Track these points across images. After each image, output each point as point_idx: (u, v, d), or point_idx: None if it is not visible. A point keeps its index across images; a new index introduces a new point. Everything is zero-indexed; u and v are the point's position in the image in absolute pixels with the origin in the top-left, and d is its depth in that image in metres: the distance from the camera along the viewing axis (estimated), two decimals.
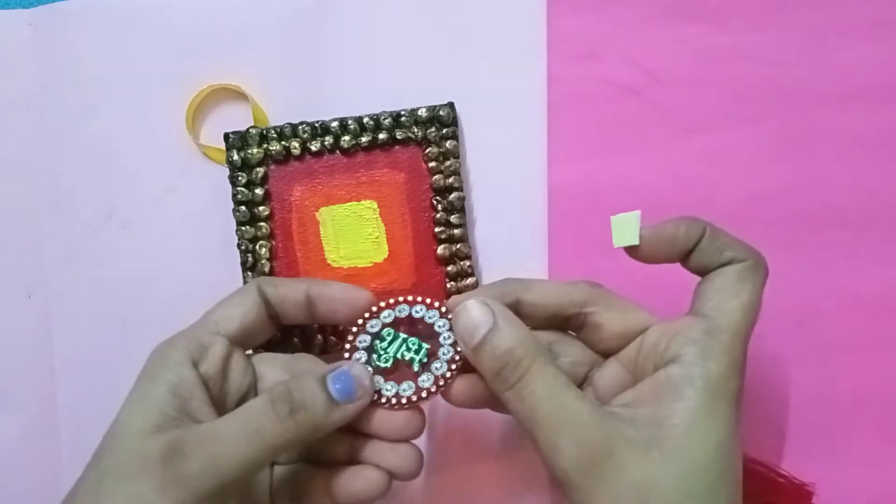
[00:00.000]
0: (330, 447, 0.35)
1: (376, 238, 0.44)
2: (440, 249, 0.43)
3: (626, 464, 0.29)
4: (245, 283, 0.44)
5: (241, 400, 0.35)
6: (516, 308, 0.34)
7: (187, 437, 0.30)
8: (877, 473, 0.42)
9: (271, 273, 0.43)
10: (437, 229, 0.43)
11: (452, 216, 0.43)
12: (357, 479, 0.34)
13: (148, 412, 0.31)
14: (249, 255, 0.43)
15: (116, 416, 0.32)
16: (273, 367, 0.36)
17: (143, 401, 0.32)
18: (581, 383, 0.35)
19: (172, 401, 0.31)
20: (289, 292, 0.36)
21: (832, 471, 0.42)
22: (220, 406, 0.34)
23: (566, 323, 0.36)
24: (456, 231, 0.43)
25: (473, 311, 0.32)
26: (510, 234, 0.44)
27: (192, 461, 0.30)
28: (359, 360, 0.35)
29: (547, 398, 0.30)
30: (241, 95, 0.45)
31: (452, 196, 0.43)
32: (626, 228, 0.33)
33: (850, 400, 0.43)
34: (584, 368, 0.36)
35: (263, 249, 0.43)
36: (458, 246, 0.43)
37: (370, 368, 0.35)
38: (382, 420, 0.34)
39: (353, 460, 0.34)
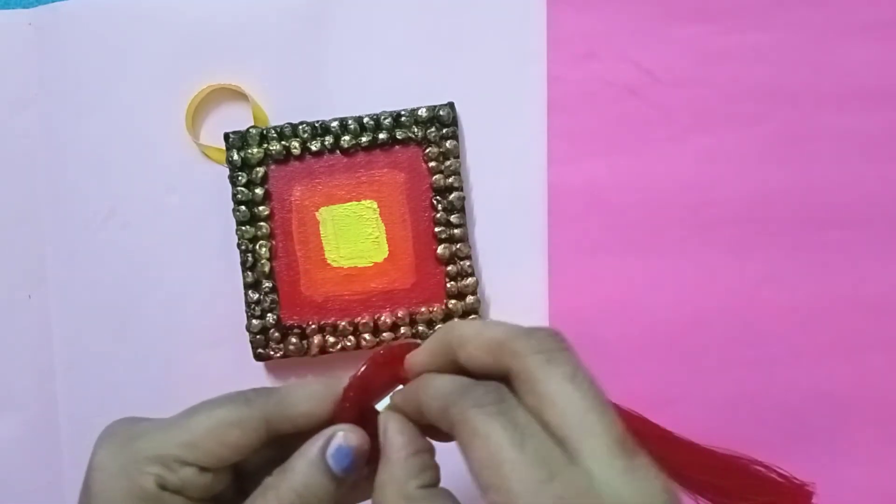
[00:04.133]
0: None
1: (376, 238, 0.44)
2: (440, 249, 0.43)
3: None
4: (244, 281, 0.43)
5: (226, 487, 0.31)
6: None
7: None
8: (877, 473, 0.42)
9: (271, 273, 0.43)
10: (437, 229, 0.43)
11: (452, 216, 0.43)
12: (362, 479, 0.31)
13: None
14: (249, 255, 0.43)
15: None
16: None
17: None
18: None
19: None
20: (307, 422, 0.30)
21: (832, 471, 0.42)
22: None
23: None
24: (456, 231, 0.43)
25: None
26: (510, 234, 0.44)
27: None
28: None
29: None
30: (241, 95, 0.45)
31: (452, 196, 0.43)
32: None
33: (850, 400, 0.43)
34: None
35: (263, 249, 0.43)
36: (458, 246, 0.43)
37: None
38: None
39: None
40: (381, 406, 0.30)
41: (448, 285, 0.43)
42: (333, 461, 0.29)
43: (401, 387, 0.30)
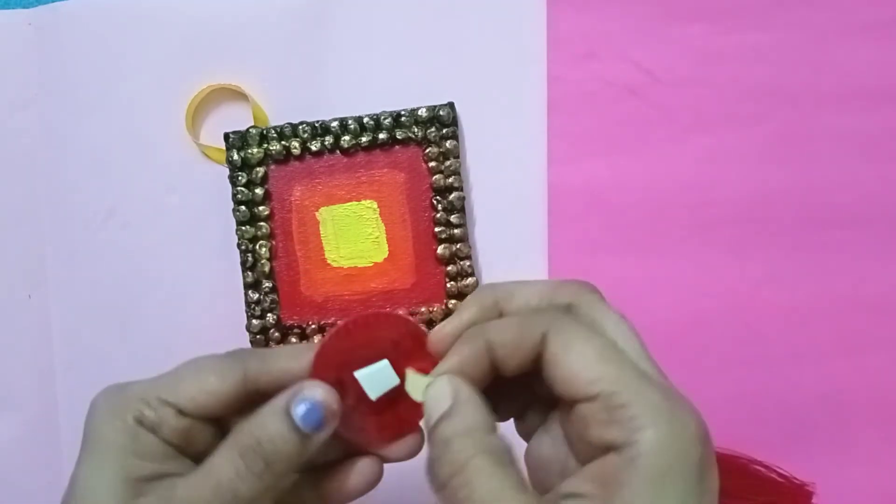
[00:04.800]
0: (321, 453, 0.32)
1: (376, 238, 0.44)
2: (440, 249, 0.43)
3: None
4: (244, 281, 0.43)
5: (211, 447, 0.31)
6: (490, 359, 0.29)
7: None
8: (877, 473, 0.42)
9: (271, 273, 0.43)
10: (437, 229, 0.43)
11: (452, 216, 0.43)
12: (349, 475, 0.31)
13: (119, 482, 0.29)
14: (249, 254, 0.43)
15: (78, 485, 0.30)
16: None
17: (109, 469, 0.29)
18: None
19: (145, 465, 0.29)
20: (286, 377, 0.31)
21: (832, 471, 0.42)
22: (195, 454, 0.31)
23: (535, 362, 0.29)
24: (456, 231, 0.43)
25: (433, 392, 0.28)
26: (510, 234, 0.44)
27: None
28: None
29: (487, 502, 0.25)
30: (241, 95, 0.45)
31: (452, 196, 0.43)
32: (379, 378, 0.30)
33: (850, 400, 0.43)
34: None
35: (263, 249, 0.43)
36: (458, 246, 0.43)
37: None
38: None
39: (347, 456, 0.32)
40: (360, 374, 0.30)
41: (448, 285, 0.43)
42: (298, 414, 0.29)
43: (385, 361, 0.30)
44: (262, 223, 0.44)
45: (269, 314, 0.43)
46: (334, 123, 0.43)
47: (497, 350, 0.29)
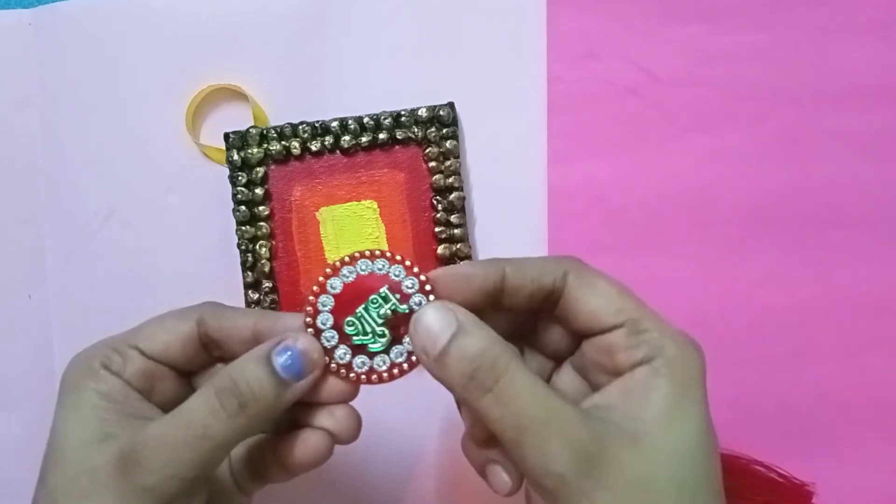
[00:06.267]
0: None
1: (376, 238, 0.44)
2: (440, 249, 0.43)
3: (621, 461, 0.28)
4: (244, 281, 0.44)
5: (176, 401, 0.32)
6: (502, 284, 0.31)
7: (136, 446, 0.29)
8: (877, 473, 0.42)
9: (271, 273, 0.43)
10: (437, 229, 0.43)
11: (452, 216, 0.43)
12: (299, 444, 0.32)
13: (87, 422, 0.30)
14: (249, 255, 0.43)
15: (53, 431, 0.31)
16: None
17: (77, 411, 0.30)
18: None
19: (109, 406, 0.30)
20: (234, 331, 0.32)
21: (832, 471, 0.42)
22: (160, 404, 0.32)
23: (546, 300, 0.32)
24: (456, 231, 0.43)
25: (431, 318, 0.29)
26: (510, 234, 0.44)
27: (148, 472, 0.28)
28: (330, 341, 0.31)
29: (532, 399, 0.28)
30: (241, 95, 0.45)
31: (452, 196, 0.43)
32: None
33: (850, 400, 0.43)
34: (547, 373, 0.34)
35: (263, 249, 0.43)
36: (458, 246, 0.43)
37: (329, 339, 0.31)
38: (318, 385, 0.31)
39: (296, 424, 0.32)
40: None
41: None
42: (279, 361, 0.30)
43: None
44: (262, 223, 0.44)
45: None
46: (334, 123, 0.43)
47: (511, 280, 0.31)
